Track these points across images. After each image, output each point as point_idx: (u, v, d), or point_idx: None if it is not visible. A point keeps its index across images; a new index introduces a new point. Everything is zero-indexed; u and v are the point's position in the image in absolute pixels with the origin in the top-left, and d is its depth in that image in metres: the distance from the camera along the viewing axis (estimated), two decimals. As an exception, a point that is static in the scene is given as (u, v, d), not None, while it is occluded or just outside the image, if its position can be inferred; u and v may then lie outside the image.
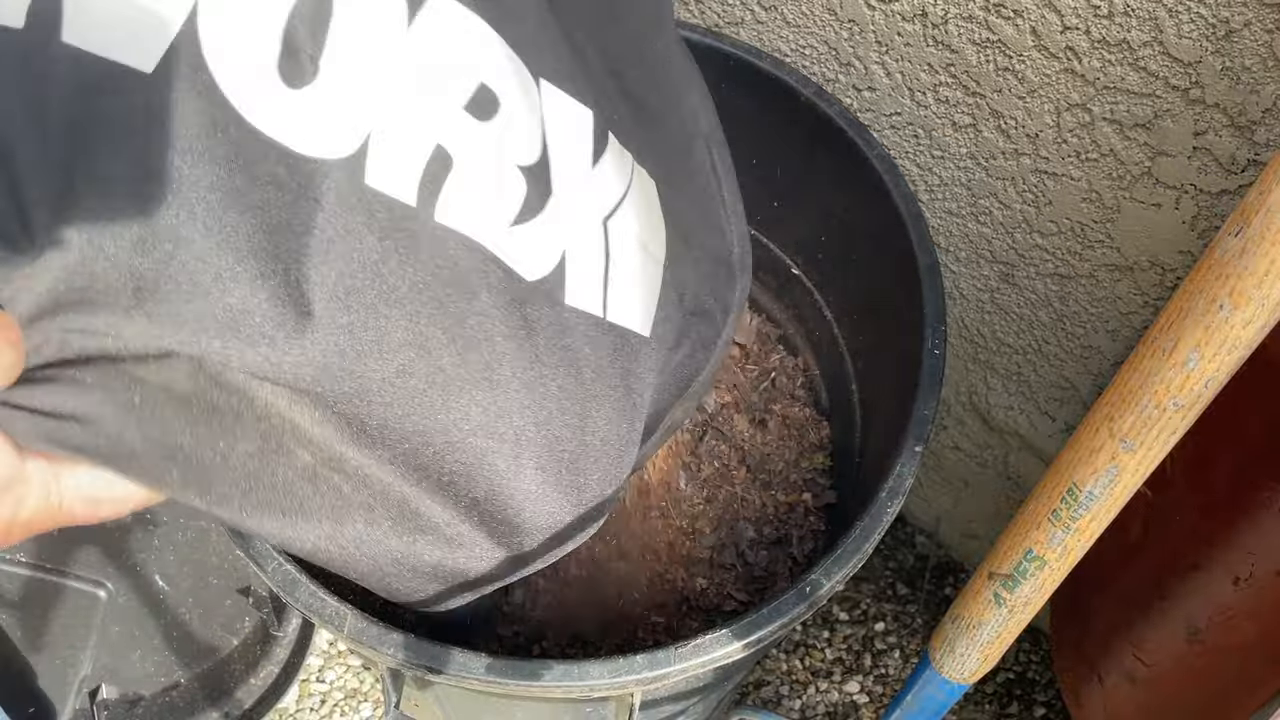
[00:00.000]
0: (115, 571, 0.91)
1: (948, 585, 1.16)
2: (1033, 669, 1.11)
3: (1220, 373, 0.48)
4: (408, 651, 0.53)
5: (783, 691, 1.09)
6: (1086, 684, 0.82)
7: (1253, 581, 0.62)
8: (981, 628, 0.66)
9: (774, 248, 0.92)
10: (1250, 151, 0.62)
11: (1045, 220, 0.77)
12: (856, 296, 0.86)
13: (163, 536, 0.91)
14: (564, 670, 0.53)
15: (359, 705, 1.09)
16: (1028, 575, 0.61)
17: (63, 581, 0.90)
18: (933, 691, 0.74)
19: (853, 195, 0.77)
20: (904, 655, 1.12)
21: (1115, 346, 0.80)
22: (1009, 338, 0.88)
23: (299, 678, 1.01)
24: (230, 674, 0.98)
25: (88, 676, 0.93)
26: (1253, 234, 0.45)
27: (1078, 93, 0.68)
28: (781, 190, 0.87)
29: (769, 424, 0.90)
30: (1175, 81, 0.62)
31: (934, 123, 0.79)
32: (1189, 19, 0.59)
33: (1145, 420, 0.51)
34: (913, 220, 0.70)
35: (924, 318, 0.67)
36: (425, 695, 0.63)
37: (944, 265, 0.86)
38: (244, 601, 0.95)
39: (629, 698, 0.58)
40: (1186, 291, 0.49)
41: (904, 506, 0.85)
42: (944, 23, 0.71)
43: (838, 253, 0.86)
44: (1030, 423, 0.93)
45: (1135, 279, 0.74)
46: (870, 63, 0.79)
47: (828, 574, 0.57)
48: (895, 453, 0.62)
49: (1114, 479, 0.54)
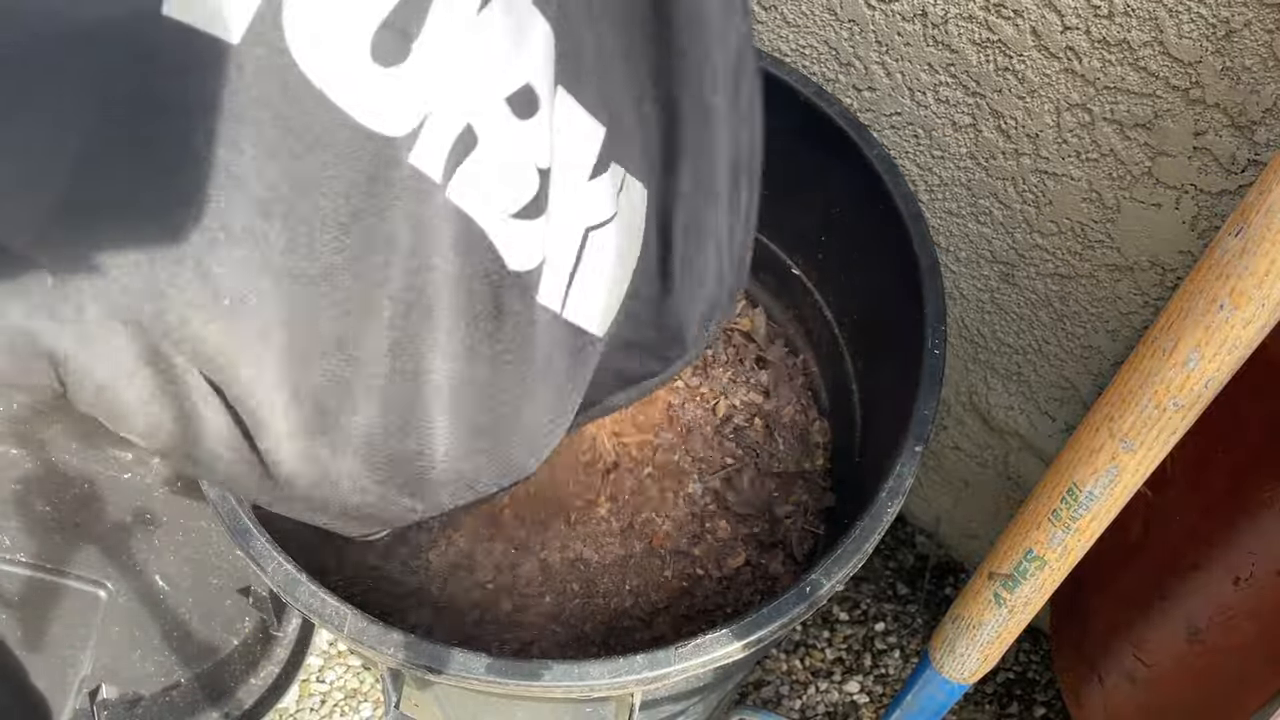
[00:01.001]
0: (115, 571, 0.91)
1: (948, 585, 1.16)
2: (1033, 669, 1.11)
3: (1220, 373, 0.48)
4: (408, 651, 0.53)
5: (783, 691, 1.09)
6: (1086, 684, 0.82)
7: (1253, 581, 0.62)
8: (981, 628, 0.66)
9: (774, 248, 0.92)
10: (1250, 151, 0.62)
11: (1045, 220, 0.77)
12: (856, 296, 0.86)
13: (163, 536, 0.91)
14: (564, 670, 0.53)
15: (359, 705, 1.09)
16: (1028, 575, 0.61)
17: (63, 581, 0.90)
18: (933, 691, 0.74)
19: (853, 195, 0.77)
20: (904, 655, 1.12)
21: (1115, 346, 0.80)
22: (1009, 338, 0.88)
23: (299, 678, 1.01)
24: (230, 674, 0.98)
25: (88, 676, 0.93)
26: (1253, 234, 0.45)
27: (1078, 93, 0.68)
28: (781, 190, 0.87)
29: (769, 424, 0.90)
30: (1175, 81, 0.62)
31: (934, 123, 0.79)
32: (1189, 19, 0.59)
33: (1145, 420, 0.51)
34: (913, 220, 0.70)
35: (924, 318, 0.67)
36: (425, 695, 0.63)
37: (944, 265, 0.86)
38: (244, 601, 0.95)
39: (629, 698, 0.58)
40: (1187, 291, 0.49)
41: (904, 506, 0.85)
42: (944, 23, 0.71)
43: (838, 253, 0.86)
44: (1030, 423, 0.93)
45: (1135, 279, 0.74)
46: (870, 63, 0.79)
47: (828, 574, 0.57)
48: (895, 453, 0.62)
49: (1114, 479, 0.54)
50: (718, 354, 0.94)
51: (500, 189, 0.41)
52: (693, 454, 0.88)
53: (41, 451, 0.85)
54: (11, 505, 0.87)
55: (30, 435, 0.84)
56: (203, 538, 0.92)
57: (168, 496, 0.89)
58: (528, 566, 0.81)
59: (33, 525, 0.88)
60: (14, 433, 0.84)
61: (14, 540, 0.88)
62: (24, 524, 0.87)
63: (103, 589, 0.91)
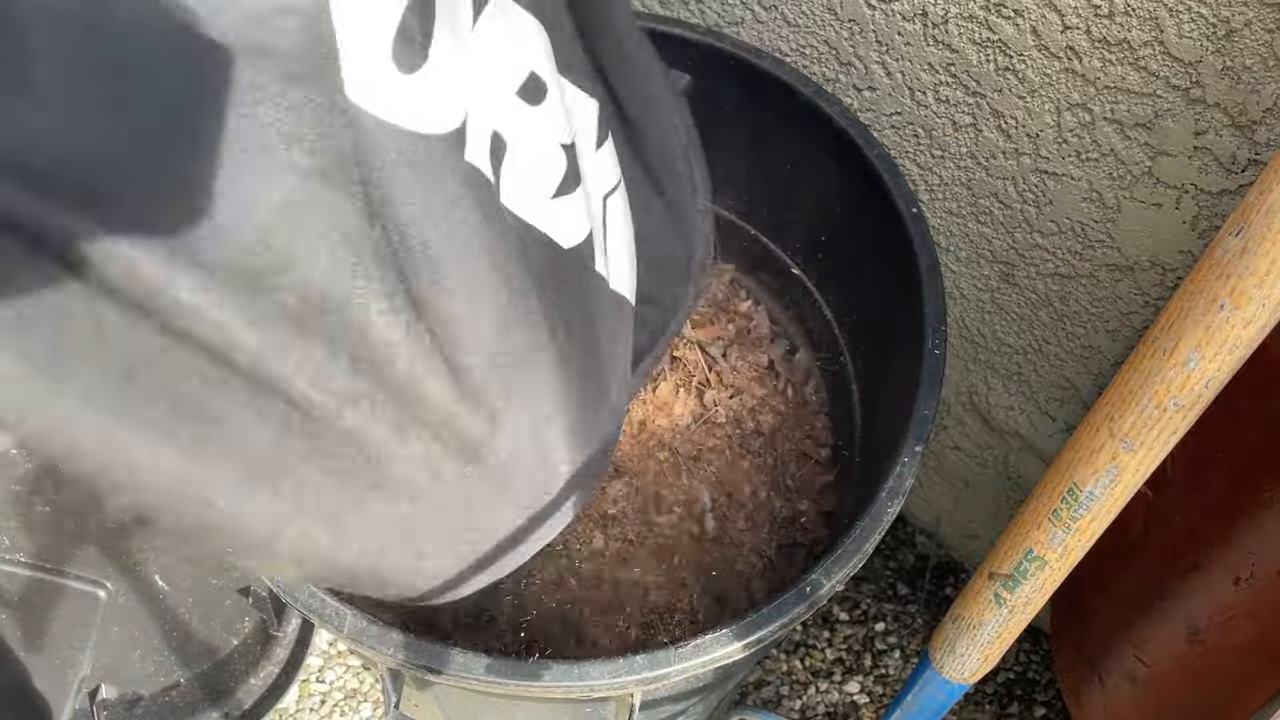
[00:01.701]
0: (115, 571, 0.91)
1: (948, 585, 1.16)
2: (1033, 669, 1.11)
3: (1220, 373, 0.48)
4: (408, 651, 0.53)
5: (783, 691, 1.09)
6: (1087, 684, 0.82)
7: (1253, 581, 0.62)
8: (982, 628, 0.66)
9: (774, 248, 0.92)
10: (1251, 151, 0.62)
11: (1045, 220, 0.77)
12: (856, 296, 0.86)
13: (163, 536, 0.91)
14: (564, 670, 0.53)
15: (359, 705, 1.09)
16: (1028, 575, 0.61)
17: (63, 581, 0.90)
18: (933, 691, 0.74)
19: (853, 195, 0.77)
20: (904, 655, 1.12)
21: (1115, 346, 0.80)
22: (1009, 338, 0.88)
23: (299, 678, 1.01)
24: (230, 674, 0.98)
25: (87, 676, 0.93)
26: (1253, 234, 0.45)
27: (1078, 92, 0.68)
28: (781, 190, 0.87)
29: (769, 423, 0.90)
30: (1176, 81, 0.62)
31: (934, 122, 0.79)
32: (1189, 18, 0.59)
33: (1145, 420, 0.51)
34: (913, 220, 0.70)
35: (924, 318, 0.67)
36: (425, 695, 0.63)
37: (944, 265, 0.86)
38: (244, 601, 0.95)
39: (629, 698, 0.58)
40: (1187, 291, 0.48)
41: (904, 506, 0.85)
42: (944, 22, 0.71)
43: (838, 252, 0.86)
44: (1030, 423, 0.93)
45: (1136, 279, 0.74)
46: (870, 62, 0.79)
47: (828, 574, 0.57)
48: (895, 453, 0.62)
49: (1114, 479, 0.54)
50: (716, 355, 0.94)
51: (536, 177, 0.43)
52: (690, 454, 0.88)
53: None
54: (11, 505, 0.87)
55: (30, 435, 0.84)
56: (203, 538, 0.92)
57: (168, 496, 0.89)
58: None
59: (33, 525, 0.88)
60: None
61: (14, 540, 0.88)
62: (24, 524, 0.87)
63: (102, 589, 0.91)
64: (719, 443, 0.89)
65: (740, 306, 0.97)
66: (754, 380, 0.93)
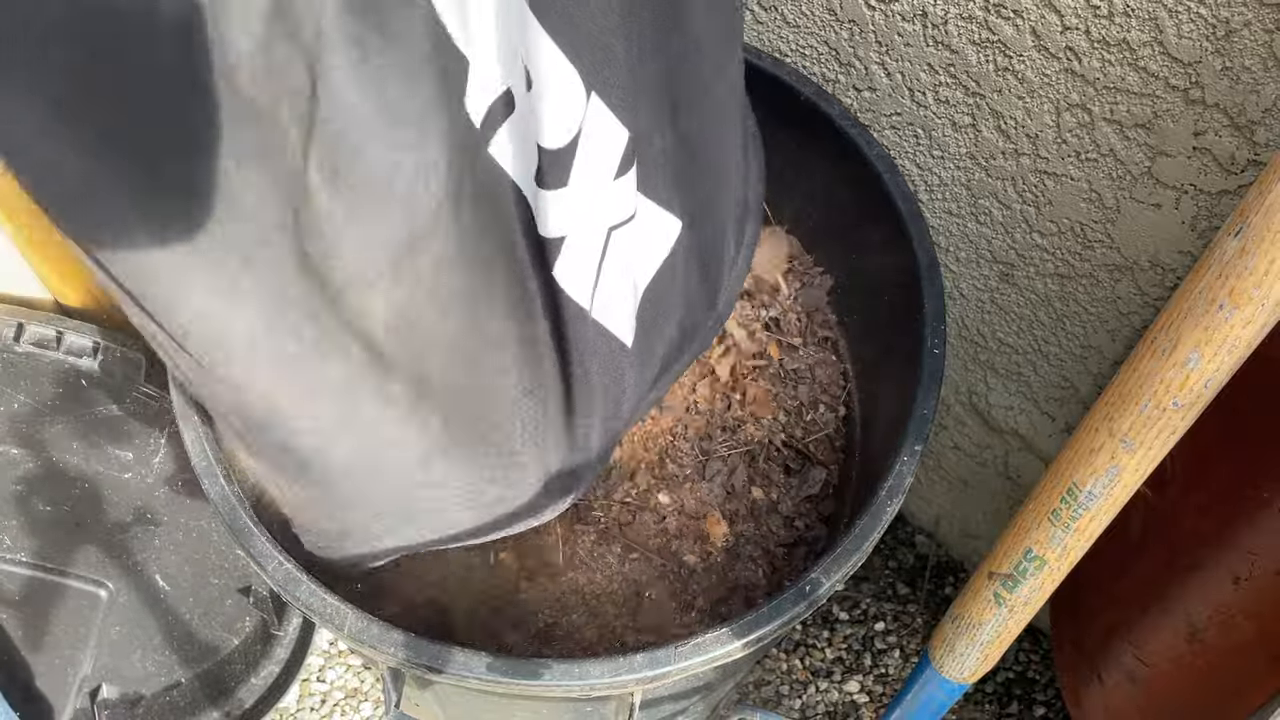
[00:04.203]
0: (115, 571, 0.91)
1: (948, 585, 1.16)
2: (1033, 669, 1.11)
3: (1220, 373, 0.48)
4: (408, 651, 0.53)
5: (783, 691, 1.09)
6: (1086, 684, 0.82)
7: (1253, 581, 0.62)
8: (981, 627, 0.66)
9: (774, 248, 0.92)
10: (1250, 151, 0.62)
11: (1045, 220, 0.77)
12: (856, 296, 0.86)
13: (163, 536, 0.91)
14: (564, 669, 0.53)
15: (359, 705, 1.09)
16: (1028, 575, 0.61)
17: (63, 581, 0.90)
18: (933, 691, 0.74)
19: (853, 195, 0.77)
20: (904, 655, 1.12)
21: (1115, 346, 0.80)
22: (1009, 338, 0.88)
23: (300, 677, 1.01)
24: (231, 673, 0.98)
25: (88, 676, 0.93)
26: (1253, 234, 0.45)
27: (1077, 93, 0.68)
28: (781, 190, 0.87)
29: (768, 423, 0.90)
30: (1175, 81, 0.62)
31: (934, 123, 0.79)
32: (1189, 19, 0.59)
33: (1145, 420, 0.51)
34: (913, 220, 0.71)
35: (924, 318, 0.67)
36: (426, 695, 0.63)
37: (944, 265, 0.86)
38: (244, 601, 0.95)
39: (629, 697, 0.58)
40: (1186, 291, 0.49)
41: (904, 506, 0.85)
42: (944, 23, 0.71)
43: (837, 252, 0.86)
44: (1030, 423, 0.93)
45: (1135, 279, 0.74)
46: (870, 63, 0.79)
47: (828, 573, 0.57)
48: (895, 452, 0.62)
49: (1114, 479, 0.54)
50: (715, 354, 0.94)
51: (529, 155, 0.46)
52: (689, 455, 0.88)
53: (41, 451, 0.85)
54: (11, 505, 0.87)
55: (30, 435, 0.84)
56: (203, 537, 0.92)
57: (168, 496, 0.89)
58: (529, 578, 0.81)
59: (33, 525, 0.88)
60: (14, 433, 0.84)
61: (14, 540, 0.88)
62: (24, 524, 0.87)
63: (103, 589, 0.91)
64: (715, 443, 0.89)
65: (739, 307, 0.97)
66: (752, 379, 0.93)
